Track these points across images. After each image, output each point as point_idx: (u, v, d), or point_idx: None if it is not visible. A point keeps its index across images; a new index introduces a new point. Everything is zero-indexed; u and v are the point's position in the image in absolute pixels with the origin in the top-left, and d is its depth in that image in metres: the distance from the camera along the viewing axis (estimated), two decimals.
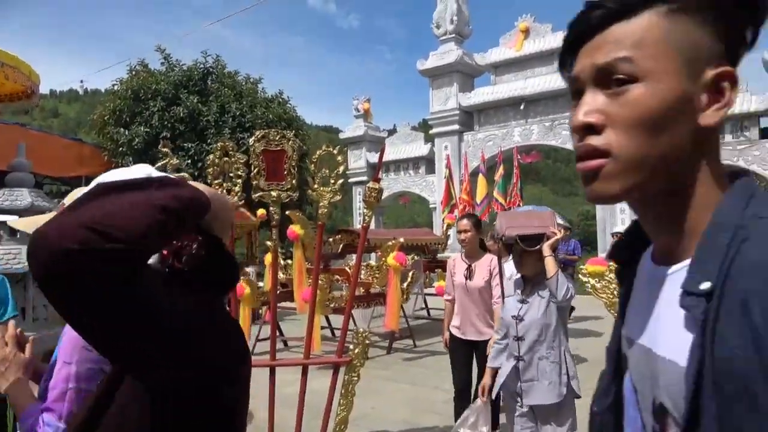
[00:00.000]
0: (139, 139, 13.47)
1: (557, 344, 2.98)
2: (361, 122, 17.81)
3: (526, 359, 2.97)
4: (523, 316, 3.03)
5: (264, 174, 3.71)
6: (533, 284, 3.10)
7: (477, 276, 4.14)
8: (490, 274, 4.10)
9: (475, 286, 4.11)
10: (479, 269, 4.16)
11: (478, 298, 4.11)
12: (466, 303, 4.15)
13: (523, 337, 3.00)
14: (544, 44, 13.86)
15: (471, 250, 4.23)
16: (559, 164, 70.72)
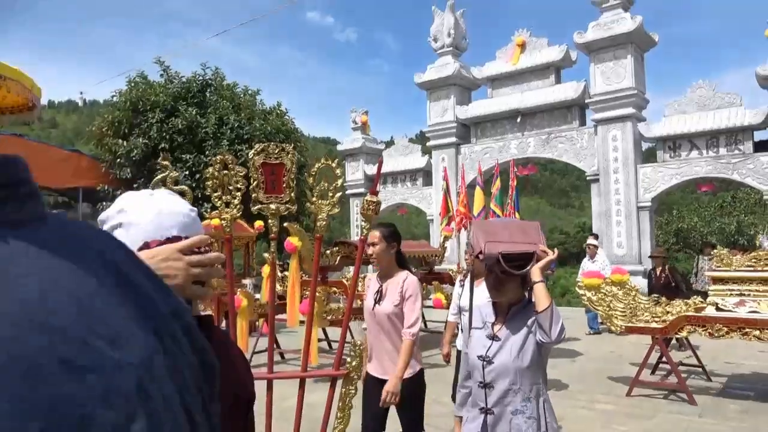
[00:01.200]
0: (137, 150, 13.50)
1: (535, 394, 2.34)
2: (358, 134, 17.89)
3: (496, 412, 2.34)
4: (492, 358, 2.37)
5: (263, 187, 3.74)
6: (509, 316, 2.43)
7: (387, 300, 3.32)
8: (402, 297, 3.30)
9: (383, 311, 3.31)
10: (390, 291, 3.34)
11: (389, 327, 3.32)
12: (375, 333, 3.40)
13: (492, 384, 2.35)
14: (539, 58, 14.00)
15: (383, 267, 3.46)
16: (556, 176, 70.92)
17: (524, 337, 2.33)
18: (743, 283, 5.74)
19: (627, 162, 12.50)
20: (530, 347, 2.32)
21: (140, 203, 1.10)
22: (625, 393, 6.10)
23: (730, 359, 7.63)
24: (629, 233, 12.37)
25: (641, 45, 12.86)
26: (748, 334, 5.55)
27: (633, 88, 12.39)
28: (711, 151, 11.81)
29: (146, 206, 1.09)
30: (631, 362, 7.47)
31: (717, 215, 23.33)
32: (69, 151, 14.45)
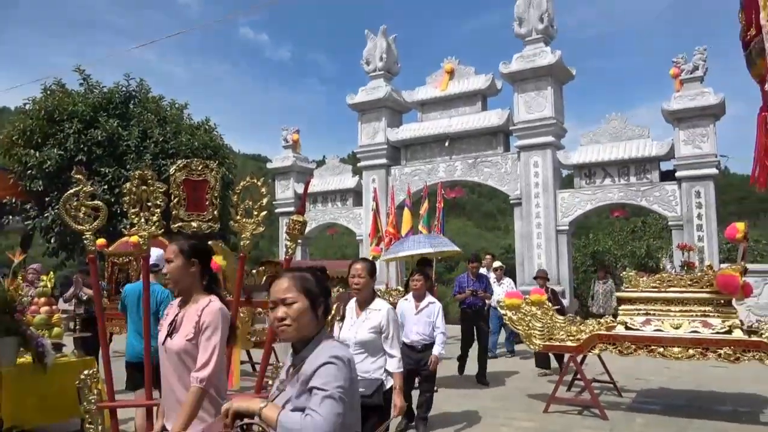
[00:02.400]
0: (51, 162, 12.73)
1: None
2: (289, 153, 17.74)
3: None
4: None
5: (184, 204, 3.64)
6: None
7: (180, 332, 2.52)
8: (197, 329, 2.47)
9: (173, 347, 2.49)
10: (186, 320, 2.54)
11: (181, 368, 2.49)
12: (165, 375, 2.55)
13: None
14: (467, 85, 14.52)
15: (181, 290, 2.66)
16: (483, 199, 73.11)
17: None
18: (649, 303, 6.13)
19: (547, 187, 13.13)
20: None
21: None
22: (543, 410, 6.32)
23: (639, 375, 8.09)
24: (549, 255, 12.94)
25: (560, 77, 13.65)
26: (654, 351, 5.92)
27: (552, 117, 13.08)
28: (622, 179, 12.62)
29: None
30: (548, 380, 7.77)
31: (629, 239, 24.82)
32: None
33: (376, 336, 3.50)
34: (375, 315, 3.55)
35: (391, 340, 3.52)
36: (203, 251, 2.67)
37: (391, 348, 3.51)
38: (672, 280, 6.08)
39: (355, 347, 3.45)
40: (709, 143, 11.81)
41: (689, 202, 11.87)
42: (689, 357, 5.78)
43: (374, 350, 3.50)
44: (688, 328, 5.82)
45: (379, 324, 3.51)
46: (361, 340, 3.48)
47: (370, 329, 3.50)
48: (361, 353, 3.46)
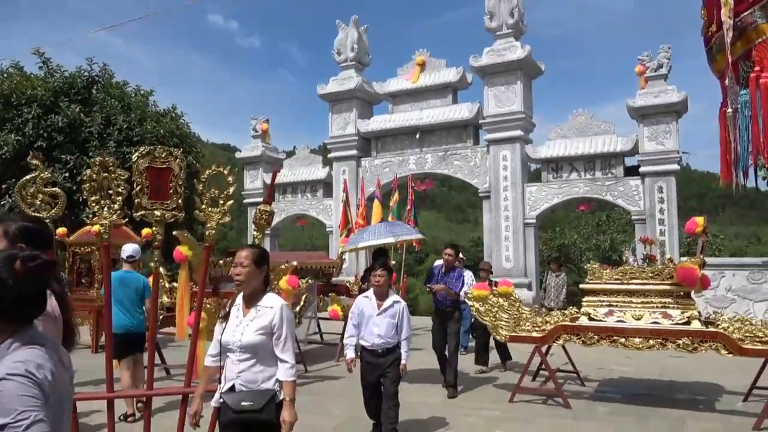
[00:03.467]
0: (8, 147, 12.27)
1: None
2: (259, 143, 17.51)
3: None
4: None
5: (147, 192, 3.54)
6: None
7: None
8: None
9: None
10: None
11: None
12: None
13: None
14: (438, 78, 14.56)
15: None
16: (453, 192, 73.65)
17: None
18: (612, 294, 6.28)
19: (515, 181, 13.29)
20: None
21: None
22: (508, 399, 6.42)
23: (601, 365, 8.29)
24: (516, 248, 13.12)
25: (529, 72, 13.80)
26: (616, 342, 6.06)
27: (522, 112, 13.23)
28: (588, 174, 12.87)
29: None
30: (514, 369, 7.89)
31: (594, 233, 25.40)
32: None
33: (266, 338, 2.88)
34: (265, 313, 2.93)
35: (284, 342, 2.91)
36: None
37: (283, 352, 2.90)
38: (634, 273, 6.23)
39: (240, 352, 2.88)
40: (672, 140, 12.13)
41: (652, 196, 12.18)
42: (650, 347, 5.94)
43: (264, 355, 2.89)
44: (649, 319, 5.98)
45: (270, 323, 2.89)
46: (247, 344, 2.86)
47: (258, 330, 2.88)
48: (248, 359, 2.87)
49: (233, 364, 2.88)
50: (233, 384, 2.86)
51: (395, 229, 8.37)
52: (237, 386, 2.85)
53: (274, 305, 2.95)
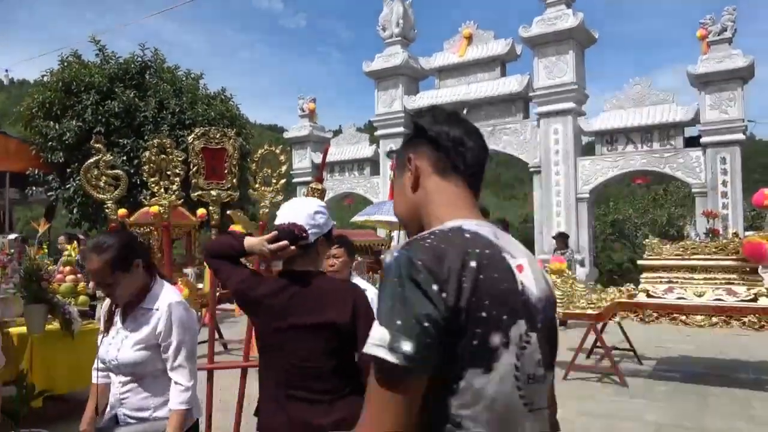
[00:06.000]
0: (70, 133, 12.82)
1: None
2: (306, 122, 17.65)
3: None
4: None
5: (203, 173, 3.62)
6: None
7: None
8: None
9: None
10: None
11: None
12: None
13: None
14: (486, 51, 14.20)
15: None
16: (501, 168, 72.44)
17: None
18: (672, 270, 6.05)
19: (567, 155, 12.90)
20: None
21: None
22: (562, 377, 6.33)
23: (659, 343, 8.05)
24: (569, 224, 12.80)
25: (582, 41, 13.26)
26: (676, 319, 5.86)
27: (574, 83, 12.77)
28: (645, 146, 12.35)
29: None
30: (568, 347, 7.77)
31: (650, 207, 24.48)
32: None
33: (150, 353, 2.11)
34: (148, 318, 2.14)
35: (174, 356, 2.11)
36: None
37: (174, 370, 2.11)
38: (696, 248, 5.98)
39: (119, 373, 2.14)
40: (737, 108, 11.46)
41: (714, 168, 11.60)
42: (712, 325, 5.72)
43: (154, 375, 2.13)
44: (711, 296, 5.74)
45: (154, 332, 2.11)
46: (125, 362, 2.10)
47: (138, 344, 2.11)
48: (130, 382, 2.13)
49: (114, 386, 2.16)
50: (116, 414, 2.14)
51: None
52: (120, 417, 2.12)
53: (160, 306, 2.14)
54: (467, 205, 1.11)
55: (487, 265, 0.95)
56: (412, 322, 0.88)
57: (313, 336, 1.88)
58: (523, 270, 1.02)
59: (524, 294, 1.00)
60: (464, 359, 0.93)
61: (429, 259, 0.92)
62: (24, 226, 18.24)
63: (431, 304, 0.89)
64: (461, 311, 0.91)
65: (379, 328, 0.91)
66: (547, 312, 1.06)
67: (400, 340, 0.88)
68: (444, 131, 1.13)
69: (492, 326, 0.94)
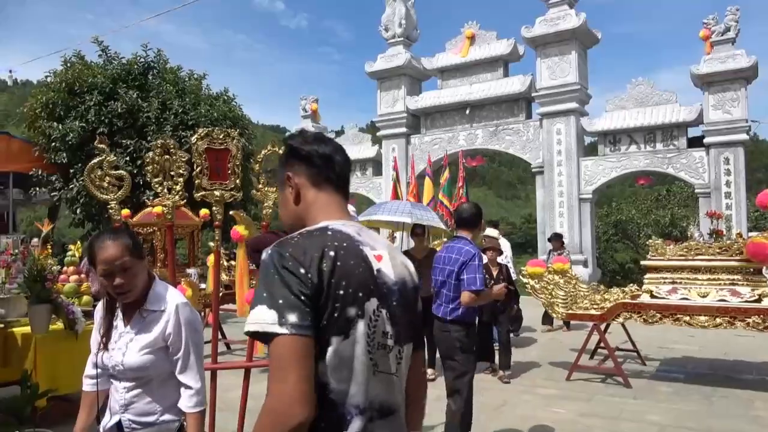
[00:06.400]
0: (73, 134, 12.84)
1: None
2: (308, 122, 17.66)
3: None
4: None
5: (207, 173, 3.63)
6: None
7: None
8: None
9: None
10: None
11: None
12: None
13: None
14: (488, 51, 14.19)
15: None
16: (503, 168, 72.40)
17: None
18: (675, 271, 6.03)
19: (570, 155, 12.89)
20: None
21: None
22: (565, 377, 6.32)
23: (662, 344, 8.03)
24: (571, 224, 12.79)
25: (585, 41, 13.25)
26: (679, 320, 5.84)
27: (577, 83, 12.76)
28: (648, 146, 12.33)
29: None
30: (571, 348, 7.75)
31: (653, 208, 24.45)
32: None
33: (158, 356, 2.04)
34: (154, 319, 2.07)
35: (184, 358, 2.06)
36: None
37: (184, 373, 2.06)
38: (700, 248, 5.96)
39: (123, 378, 2.06)
40: (740, 108, 11.44)
41: (717, 169, 11.57)
42: (716, 326, 5.70)
43: (161, 380, 2.07)
44: (715, 297, 5.73)
45: (162, 334, 2.05)
46: (131, 367, 2.03)
47: (145, 347, 2.04)
48: (135, 387, 2.06)
49: (117, 392, 2.07)
50: (119, 420, 2.06)
51: (416, 211, 7.43)
52: (125, 423, 2.05)
53: (166, 306, 2.08)
54: (338, 210, 1.35)
55: (344, 254, 1.19)
56: (291, 298, 1.11)
57: None
58: (382, 259, 1.28)
59: (380, 278, 1.25)
60: (330, 329, 1.14)
61: (295, 251, 1.15)
62: (27, 227, 18.30)
63: (302, 283, 1.12)
64: (323, 289, 1.14)
65: (265, 310, 1.11)
66: (404, 293, 1.32)
67: (286, 314, 1.10)
68: (315, 150, 1.36)
69: (348, 301, 1.16)
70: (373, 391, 1.20)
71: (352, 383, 1.17)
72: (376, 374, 1.21)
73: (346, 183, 1.42)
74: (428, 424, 4.15)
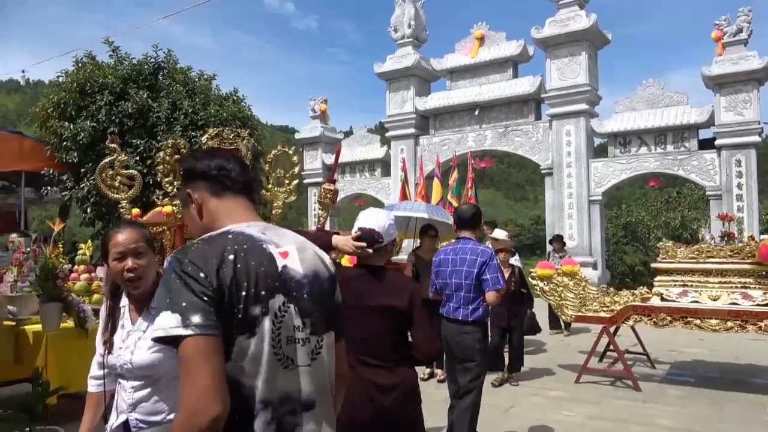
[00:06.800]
0: (84, 133, 12.92)
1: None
2: (317, 123, 17.69)
3: None
4: None
5: None
6: None
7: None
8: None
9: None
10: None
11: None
12: None
13: None
14: (498, 52, 14.15)
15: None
16: (512, 170, 72.18)
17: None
18: (686, 274, 5.99)
19: (579, 156, 12.82)
20: None
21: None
22: (574, 380, 6.28)
23: (672, 347, 7.97)
24: (580, 226, 12.72)
25: (595, 42, 13.18)
26: (690, 323, 5.80)
27: (587, 84, 12.69)
28: (659, 148, 12.24)
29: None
30: (580, 350, 7.71)
31: (663, 210, 24.27)
32: (10, 133, 13.73)
33: (166, 356, 2.00)
34: None
35: None
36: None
37: None
38: (711, 251, 5.91)
39: (132, 378, 2.05)
40: (752, 110, 11.33)
41: (729, 171, 11.47)
42: (727, 329, 5.64)
43: (167, 379, 2.05)
44: (727, 300, 5.68)
45: None
46: (140, 365, 2.03)
47: (154, 346, 2.00)
48: (144, 386, 2.05)
49: (125, 392, 2.06)
50: (126, 419, 2.04)
51: (432, 209, 7.74)
52: (132, 422, 2.03)
53: None
54: (242, 212, 1.40)
55: (245, 255, 1.23)
56: (194, 299, 1.14)
57: (381, 315, 2.41)
58: (288, 255, 1.32)
59: (285, 273, 1.28)
60: (234, 328, 1.18)
61: (194, 257, 1.19)
62: (38, 225, 18.46)
63: (202, 285, 1.16)
64: (224, 291, 1.17)
65: (169, 315, 1.14)
66: (316, 285, 1.36)
67: (189, 315, 1.13)
68: (207, 164, 1.43)
69: (251, 301, 1.20)
70: (285, 385, 1.24)
71: (258, 379, 1.20)
72: (289, 368, 1.25)
73: (246, 186, 1.45)
74: (435, 425, 4.14)
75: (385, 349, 2.43)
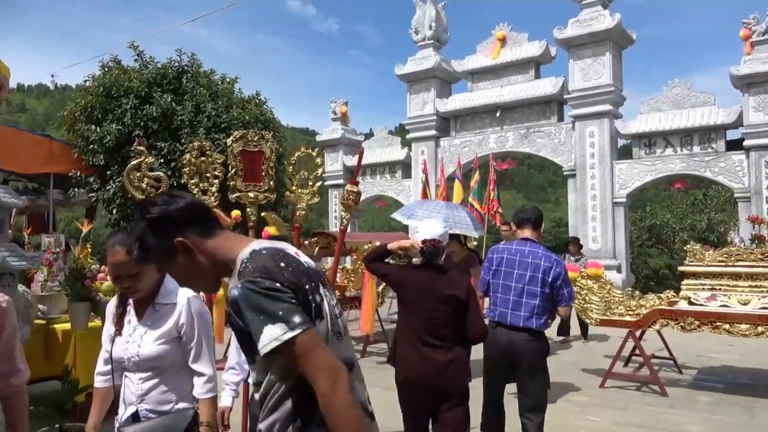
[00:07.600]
0: (110, 136, 13.18)
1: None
2: (338, 125, 17.76)
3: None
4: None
5: (242, 175, 3.67)
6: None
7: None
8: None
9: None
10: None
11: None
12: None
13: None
14: (520, 53, 14.05)
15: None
16: (533, 171, 71.56)
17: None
18: (715, 277, 5.86)
19: (603, 158, 12.66)
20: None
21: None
22: (599, 384, 6.19)
23: (700, 352, 7.80)
24: (604, 228, 12.55)
25: (619, 42, 13.00)
26: (719, 328, 5.67)
27: (611, 84, 12.52)
28: (685, 149, 12.02)
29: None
30: (604, 355, 7.59)
31: (689, 212, 23.80)
32: (40, 136, 14.04)
33: (171, 346, 2.16)
34: (166, 312, 2.19)
35: (196, 348, 2.19)
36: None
37: (197, 361, 2.19)
38: (741, 254, 5.77)
39: (139, 370, 2.16)
40: None
41: (758, 172, 11.21)
42: (758, 334, 5.50)
43: (175, 369, 2.18)
44: (757, 304, 5.54)
45: (176, 325, 2.17)
46: (147, 357, 2.14)
47: (160, 338, 2.15)
48: (151, 378, 2.16)
49: (133, 384, 2.17)
50: (135, 411, 2.14)
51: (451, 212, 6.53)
52: (141, 413, 2.14)
53: (178, 299, 2.20)
54: (239, 239, 1.49)
55: (287, 261, 1.38)
56: (285, 306, 1.29)
57: (444, 303, 3.03)
58: (299, 255, 1.49)
59: (309, 267, 1.46)
60: (312, 316, 1.35)
61: (261, 274, 1.31)
62: (65, 226, 18.84)
63: (284, 293, 1.31)
64: (297, 292, 1.34)
65: (272, 327, 1.27)
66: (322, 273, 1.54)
67: (291, 319, 1.28)
68: (179, 209, 1.45)
69: (311, 291, 1.38)
70: (342, 353, 1.43)
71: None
72: (340, 339, 1.46)
73: (209, 215, 1.52)
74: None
75: (445, 331, 3.04)
